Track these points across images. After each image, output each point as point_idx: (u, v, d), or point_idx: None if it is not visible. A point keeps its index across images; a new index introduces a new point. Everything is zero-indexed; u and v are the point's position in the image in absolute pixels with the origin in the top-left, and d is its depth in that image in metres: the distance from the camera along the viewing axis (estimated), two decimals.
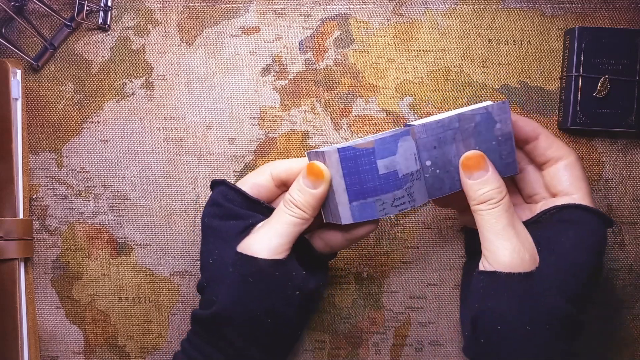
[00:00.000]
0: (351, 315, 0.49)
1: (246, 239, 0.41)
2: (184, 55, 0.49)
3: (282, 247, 0.40)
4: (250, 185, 0.43)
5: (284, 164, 0.43)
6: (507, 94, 0.48)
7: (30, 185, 0.49)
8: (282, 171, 0.42)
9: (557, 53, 0.48)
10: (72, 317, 0.49)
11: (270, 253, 0.40)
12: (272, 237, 0.40)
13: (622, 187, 0.48)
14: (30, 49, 0.49)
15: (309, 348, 0.49)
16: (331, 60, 0.48)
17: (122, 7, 0.48)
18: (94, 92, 0.49)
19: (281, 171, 0.42)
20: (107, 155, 0.49)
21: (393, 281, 0.49)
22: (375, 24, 0.48)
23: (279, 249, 0.40)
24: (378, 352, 0.49)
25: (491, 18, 0.48)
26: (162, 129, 0.49)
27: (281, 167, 0.42)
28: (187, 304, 0.49)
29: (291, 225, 0.40)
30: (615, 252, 0.48)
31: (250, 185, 0.42)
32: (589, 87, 0.46)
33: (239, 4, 0.48)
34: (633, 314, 0.49)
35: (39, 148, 0.49)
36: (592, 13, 0.48)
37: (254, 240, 0.41)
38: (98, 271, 0.49)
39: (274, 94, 0.49)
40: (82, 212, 0.49)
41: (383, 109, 0.49)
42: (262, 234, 0.41)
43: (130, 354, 0.49)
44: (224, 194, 0.42)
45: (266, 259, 0.40)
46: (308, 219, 0.40)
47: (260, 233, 0.41)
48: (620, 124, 0.47)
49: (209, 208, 0.43)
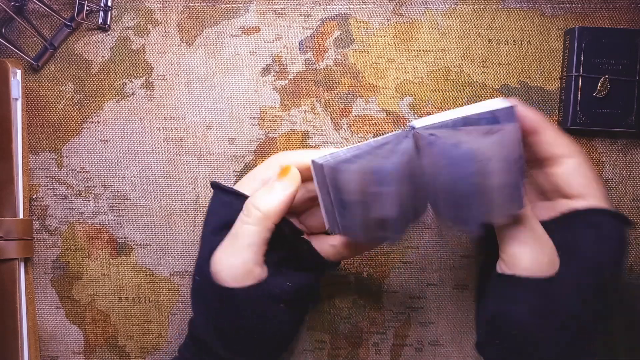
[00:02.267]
0: (351, 315, 0.49)
1: (213, 260, 0.38)
2: (184, 55, 0.49)
3: (248, 264, 0.37)
4: (260, 182, 0.40)
5: (291, 157, 0.40)
6: (507, 94, 0.48)
7: (30, 185, 0.49)
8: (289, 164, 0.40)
9: (557, 53, 0.48)
10: (72, 317, 0.49)
11: (241, 276, 0.37)
12: (235, 256, 0.37)
13: (622, 187, 0.48)
14: (30, 49, 0.49)
15: (309, 348, 0.49)
16: (331, 60, 0.48)
17: (122, 7, 0.48)
18: (94, 92, 0.49)
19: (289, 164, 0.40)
20: (107, 155, 0.49)
21: (393, 281, 0.49)
22: (375, 24, 0.48)
23: (247, 268, 0.37)
24: (378, 352, 0.49)
25: (491, 18, 0.48)
26: (162, 129, 0.49)
27: (288, 160, 0.40)
28: (187, 304, 0.49)
29: (253, 235, 0.37)
30: None
31: (260, 182, 0.40)
32: (589, 87, 0.46)
33: (239, 4, 0.48)
34: None
35: (39, 148, 0.49)
36: (592, 13, 0.48)
37: (219, 264, 0.38)
38: (98, 271, 0.49)
39: (274, 94, 0.49)
40: (82, 212, 0.49)
41: (383, 109, 0.49)
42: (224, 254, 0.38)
43: (130, 354, 0.49)
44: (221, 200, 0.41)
45: (242, 287, 0.37)
46: (269, 224, 0.37)
47: (222, 254, 0.38)
48: (620, 124, 0.47)
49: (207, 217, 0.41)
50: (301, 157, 0.40)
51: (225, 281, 0.37)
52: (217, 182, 0.42)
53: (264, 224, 0.37)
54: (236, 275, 0.37)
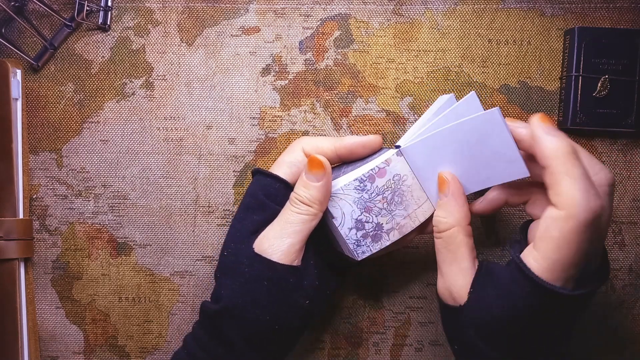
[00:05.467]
0: (351, 315, 0.49)
1: (259, 238, 0.41)
2: (184, 55, 0.49)
3: (294, 247, 0.40)
4: (287, 164, 0.43)
5: (312, 142, 0.43)
6: (507, 94, 0.48)
7: (30, 185, 0.49)
8: (311, 150, 0.43)
9: (557, 53, 0.48)
10: (72, 317, 0.49)
11: (284, 256, 0.40)
12: (284, 238, 0.40)
13: (622, 187, 0.48)
14: (30, 49, 0.49)
15: (309, 348, 0.49)
16: (331, 60, 0.48)
17: (122, 7, 0.48)
18: (94, 92, 0.49)
19: (310, 150, 0.43)
20: (107, 155, 0.49)
21: (393, 281, 0.49)
22: (375, 24, 0.48)
23: (291, 250, 0.40)
24: (378, 352, 0.49)
25: (491, 18, 0.48)
26: (162, 129, 0.49)
27: (310, 145, 0.43)
28: (187, 304, 0.49)
29: (300, 223, 0.40)
30: (615, 252, 0.48)
31: (287, 165, 0.43)
32: (589, 87, 0.46)
33: (239, 4, 0.48)
34: (633, 314, 0.49)
35: (39, 148, 0.49)
36: (592, 13, 0.48)
37: (267, 241, 0.41)
38: (98, 271, 0.49)
39: (274, 94, 0.49)
40: (82, 212, 0.49)
41: (383, 109, 0.49)
42: (273, 234, 0.41)
43: (130, 354, 0.49)
44: (261, 183, 0.43)
45: (284, 264, 0.40)
46: (316, 214, 0.40)
47: (272, 234, 0.41)
48: (620, 124, 0.47)
49: (246, 198, 0.43)
50: (321, 143, 0.43)
51: (270, 256, 0.40)
52: (258, 167, 0.45)
53: (313, 213, 0.40)
54: (283, 253, 0.40)
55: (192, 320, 0.49)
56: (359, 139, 0.42)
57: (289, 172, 0.43)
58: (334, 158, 0.43)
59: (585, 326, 0.48)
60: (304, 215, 0.40)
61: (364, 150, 0.43)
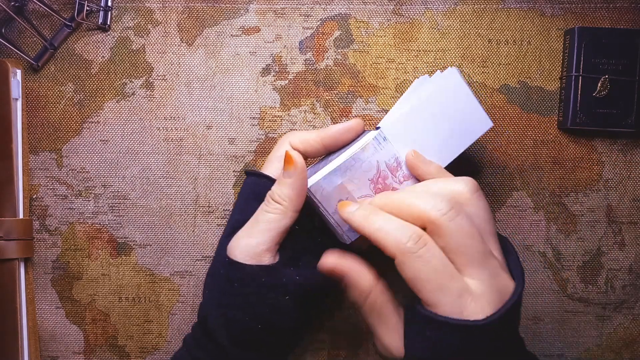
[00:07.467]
0: (351, 315, 0.49)
1: (231, 240, 0.41)
2: (184, 55, 0.49)
3: (261, 246, 0.39)
4: (278, 159, 0.43)
5: (299, 135, 0.43)
6: (507, 94, 0.48)
7: (30, 185, 0.49)
8: (297, 143, 0.43)
9: (557, 53, 0.48)
10: (72, 317, 0.49)
11: (249, 257, 0.39)
12: (251, 237, 0.39)
13: (622, 187, 0.48)
14: (30, 49, 0.49)
15: (309, 348, 0.49)
16: (331, 60, 0.48)
17: (122, 7, 0.48)
18: (94, 92, 0.49)
19: (297, 143, 0.43)
20: (107, 155, 0.49)
21: (393, 281, 0.49)
22: (375, 24, 0.48)
23: (257, 250, 0.39)
24: None
25: (491, 18, 0.48)
26: (162, 129, 0.49)
27: (298, 139, 0.43)
28: (187, 304, 0.49)
29: (267, 222, 0.39)
30: (615, 252, 0.48)
31: (278, 160, 0.43)
32: (589, 87, 0.46)
33: (239, 4, 0.48)
34: (633, 314, 0.49)
35: (39, 148, 0.49)
36: (592, 13, 0.48)
37: (235, 241, 0.40)
38: (98, 271, 0.49)
39: (274, 94, 0.49)
40: (82, 212, 0.49)
41: (383, 109, 0.49)
42: (242, 234, 0.40)
43: (130, 354, 0.49)
44: (250, 183, 0.43)
45: (252, 265, 0.39)
46: (285, 212, 0.39)
47: (241, 234, 0.40)
48: (620, 124, 0.47)
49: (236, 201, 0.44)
50: (307, 135, 0.43)
51: (236, 257, 0.40)
52: (248, 169, 0.45)
53: (282, 211, 0.39)
54: (248, 253, 0.39)
55: (192, 320, 0.49)
56: (341, 125, 0.42)
57: (280, 167, 0.42)
58: (321, 149, 0.43)
59: (585, 326, 0.48)
60: (272, 214, 0.39)
61: (348, 135, 0.42)
